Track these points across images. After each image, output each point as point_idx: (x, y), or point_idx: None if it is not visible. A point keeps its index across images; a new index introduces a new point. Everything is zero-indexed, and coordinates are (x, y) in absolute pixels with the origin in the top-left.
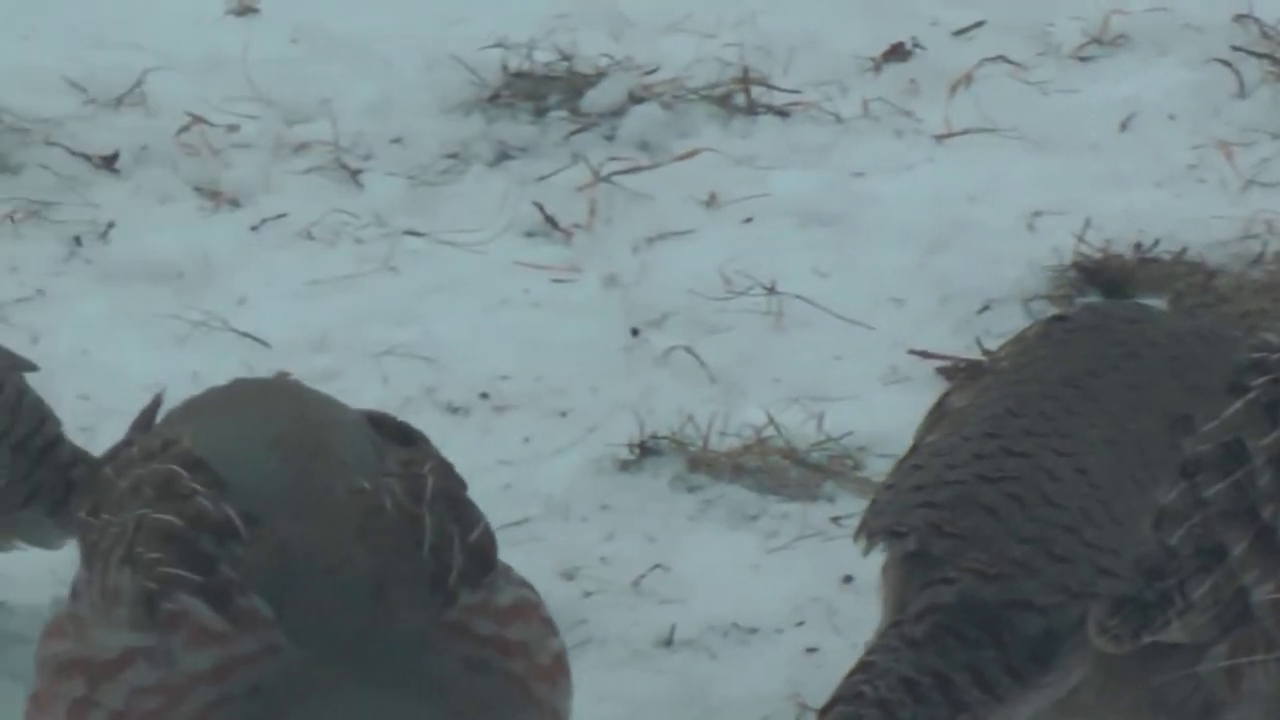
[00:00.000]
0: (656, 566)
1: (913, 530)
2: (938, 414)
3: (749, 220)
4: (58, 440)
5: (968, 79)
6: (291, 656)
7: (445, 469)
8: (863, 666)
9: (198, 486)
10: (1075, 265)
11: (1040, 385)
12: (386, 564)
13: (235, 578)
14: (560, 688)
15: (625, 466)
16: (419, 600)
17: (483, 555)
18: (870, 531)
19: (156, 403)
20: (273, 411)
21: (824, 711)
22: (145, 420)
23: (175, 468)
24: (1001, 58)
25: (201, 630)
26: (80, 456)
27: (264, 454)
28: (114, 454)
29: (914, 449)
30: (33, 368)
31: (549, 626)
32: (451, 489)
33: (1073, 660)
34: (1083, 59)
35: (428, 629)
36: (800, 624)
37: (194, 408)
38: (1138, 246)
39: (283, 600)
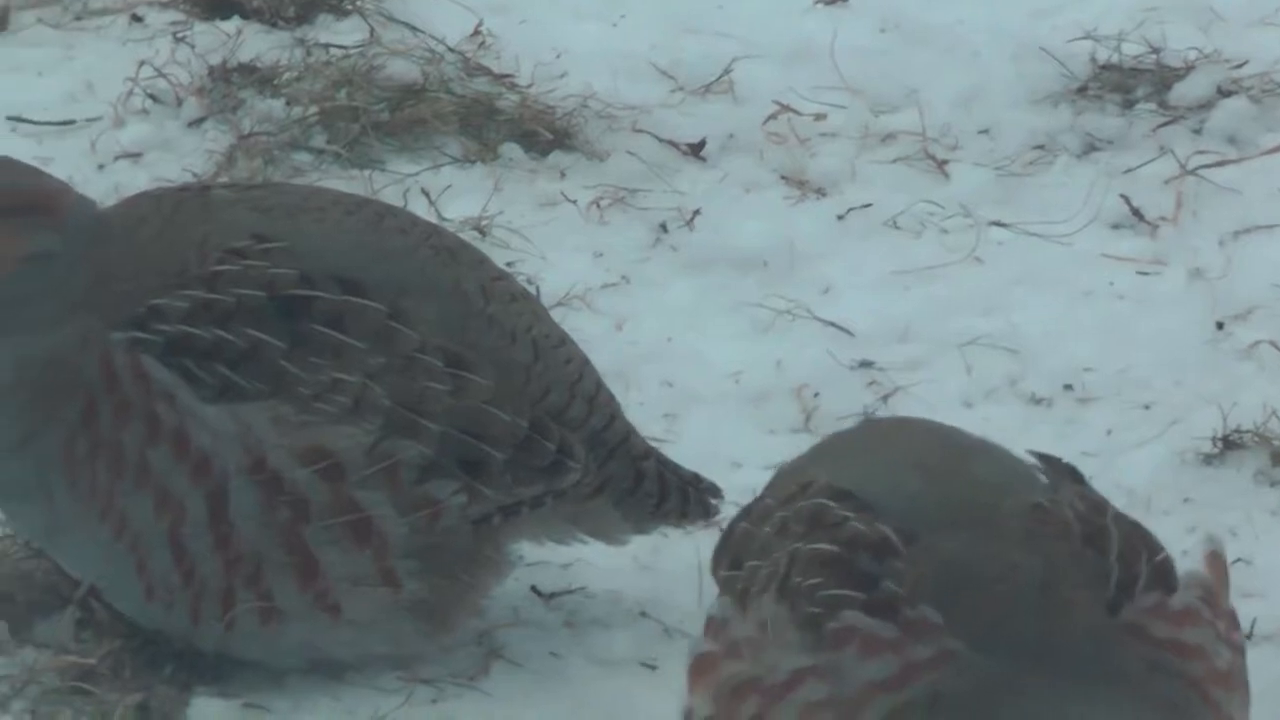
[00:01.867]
0: (1238, 560)
1: None
2: None
3: None
4: (630, 434)
5: None
6: (971, 662)
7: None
8: None
9: (847, 513)
10: None
11: None
12: (1056, 569)
13: (900, 591)
14: (1237, 696)
15: (1208, 460)
16: (1092, 603)
17: (1167, 574)
18: None
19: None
20: (910, 442)
21: None
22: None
23: (822, 501)
24: None
25: (872, 640)
26: (653, 451)
27: (908, 478)
28: (747, 511)
29: None
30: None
31: (1222, 632)
32: (1131, 518)
33: None
34: None
35: (1106, 630)
36: None
37: (822, 452)
38: None
39: (952, 609)
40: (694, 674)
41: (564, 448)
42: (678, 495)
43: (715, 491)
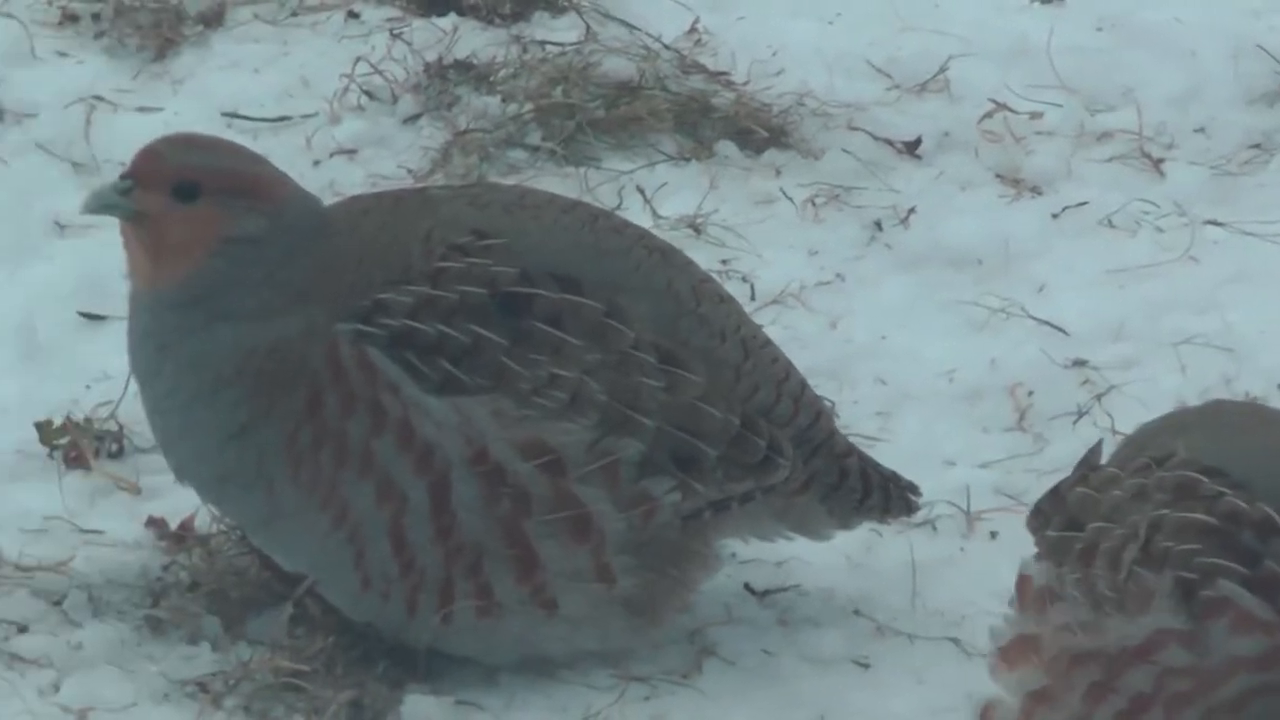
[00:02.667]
0: None
1: None
2: None
3: None
4: (834, 431)
5: None
6: None
7: None
8: None
9: (1221, 489)
10: None
11: None
12: None
13: None
14: None
15: None
16: None
17: None
18: None
19: (1098, 446)
20: (1268, 425)
21: None
22: (1092, 458)
23: (1188, 473)
24: None
25: (1247, 616)
26: (854, 449)
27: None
28: (1082, 476)
29: None
30: None
31: None
32: None
33: None
34: None
35: None
36: None
37: (1176, 426)
38: None
39: None
40: (1015, 650)
41: (773, 445)
42: (880, 492)
43: (914, 489)
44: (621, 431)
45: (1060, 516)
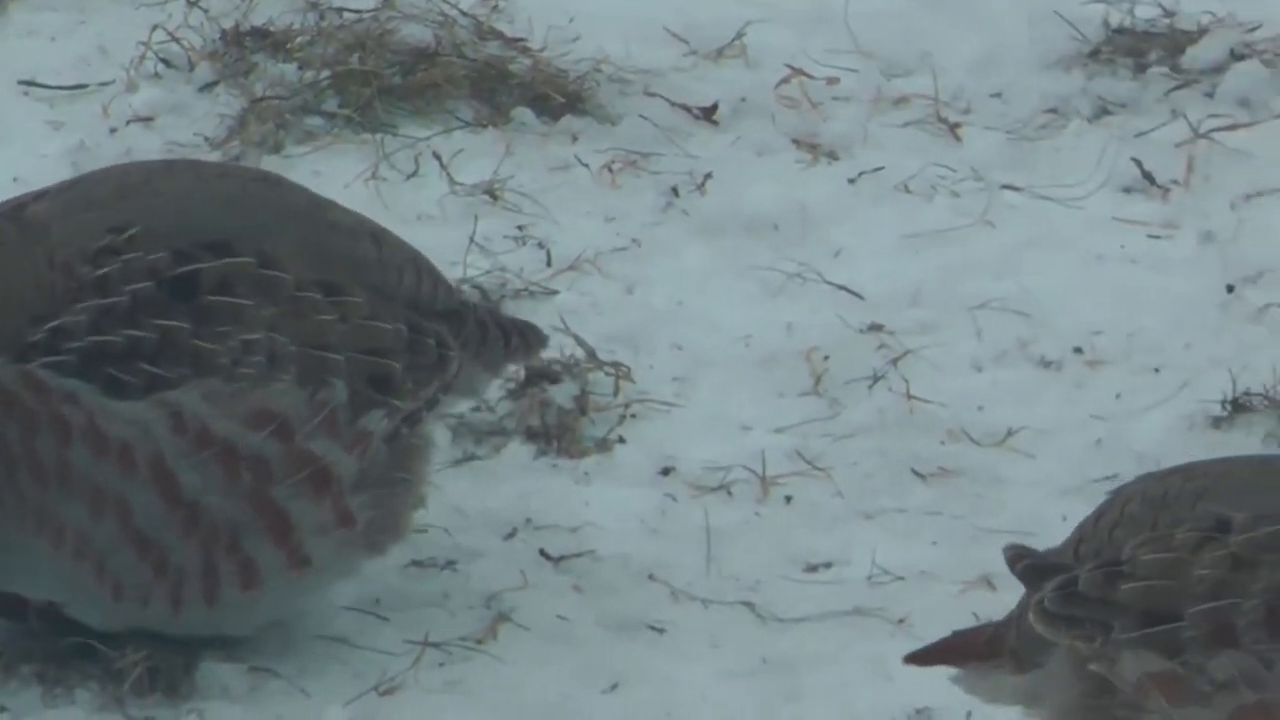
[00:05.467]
0: None
1: None
2: None
3: None
4: (458, 290)
5: None
6: None
7: None
8: None
9: None
10: None
11: None
12: None
13: None
14: None
15: (1217, 424)
16: None
17: None
18: None
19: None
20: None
21: None
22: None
23: None
24: None
25: None
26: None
27: None
28: (1110, 576)
29: None
30: None
31: None
32: None
33: None
34: None
35: None
36: None
37: (1206, 491)
38: None
39: None
40: None
41: (440, 340)
42: (517, 335)
43: (536, 328)
44: (321, 375)
45: (1122, 616)
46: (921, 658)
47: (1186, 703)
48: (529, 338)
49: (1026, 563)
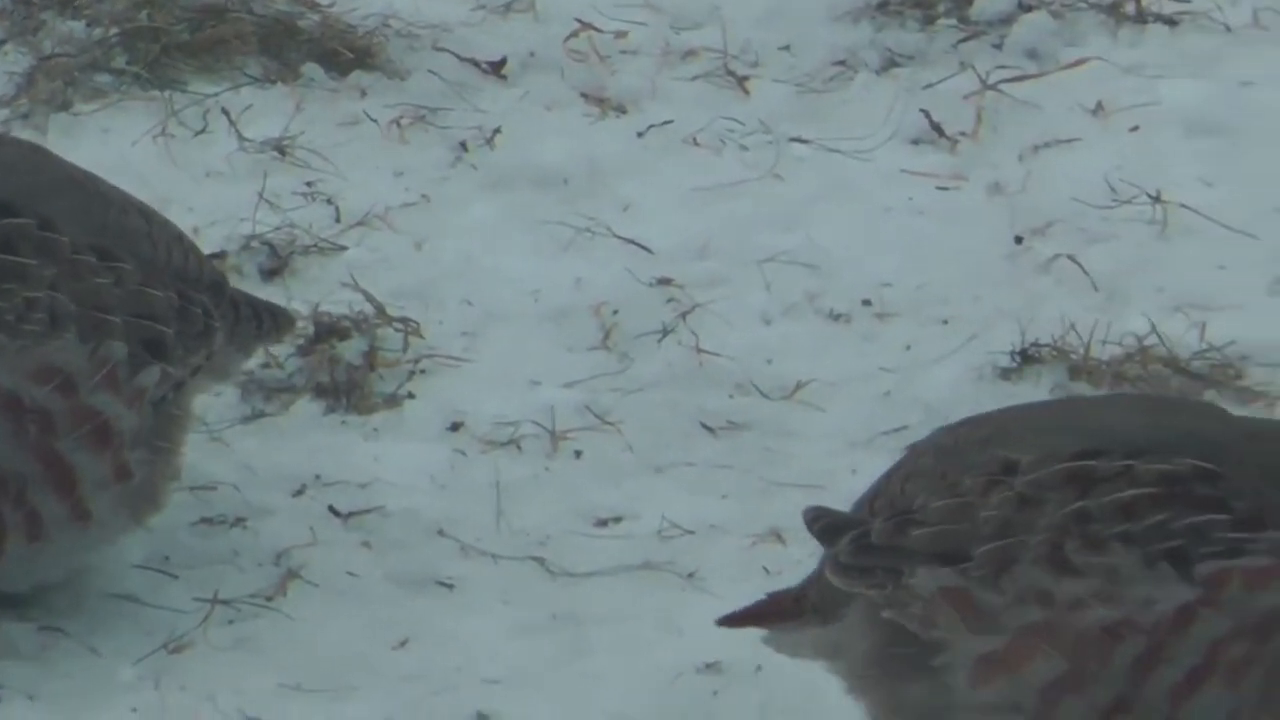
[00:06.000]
0: None
1: None
2: None
3: (1135, 129)
4: (215, 268)
5: None
6: None
7: None
8: None
9: (1127, 461)
10: None
11: None
12: None
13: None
14: None
15: (1006, 374)
16: None
17: None
18: None
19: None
20: (1088, 403)
21: None
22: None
23: (1071, 465)
24: None
25: (1256, 573)
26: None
27: (1142, 422)
28: (902, 525)
29: None
30: None
31: None
32: None
33: None
34: None
35: None
36: None
37: (994, 438)
38: None
39: None
40: (1021, 647)
41: (206, 310)
42: (268, 316)
43: (286, 311)
44: (100, 334)
45: (912, 561)
46: (734, 620)
47: (975, 618)
48: (279, 319)
49: (824, 522)
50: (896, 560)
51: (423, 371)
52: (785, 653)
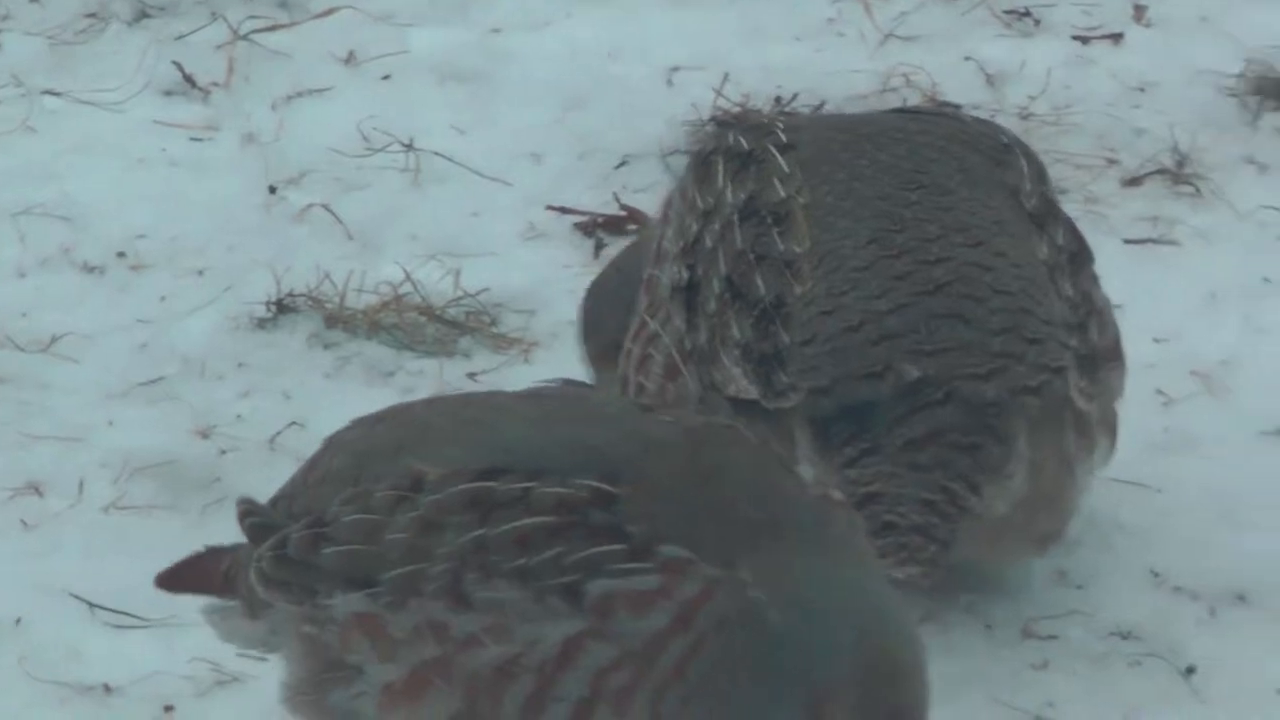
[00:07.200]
0: (293, 424)
1: (888, 367)
2: None
3: (387, 77)
4: None
5: None
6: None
7: None
8: (870, 498)
9: (526, 484)
10: (714, 119)
11: (878, 203)
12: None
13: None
14: None
15: (262, 324)
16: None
17: None
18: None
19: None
20: (479, 406)
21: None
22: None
23: (471, 486)
24: None
25: (635, 597)
26: None
27: (536, 432)
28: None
29: (778, 305)
30: None
31: None
32: None
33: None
34: None
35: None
36: None
37: (401, 446)
38: (777, 100)
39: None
40: (419, 681)
41: None
42: None
43: None
44: None
45: (326, 581)
46: (169, 580)
47: (387, 645)
48: None
49: (253, 520)
50: (312, 578)
51: None
52: (222, 635)
